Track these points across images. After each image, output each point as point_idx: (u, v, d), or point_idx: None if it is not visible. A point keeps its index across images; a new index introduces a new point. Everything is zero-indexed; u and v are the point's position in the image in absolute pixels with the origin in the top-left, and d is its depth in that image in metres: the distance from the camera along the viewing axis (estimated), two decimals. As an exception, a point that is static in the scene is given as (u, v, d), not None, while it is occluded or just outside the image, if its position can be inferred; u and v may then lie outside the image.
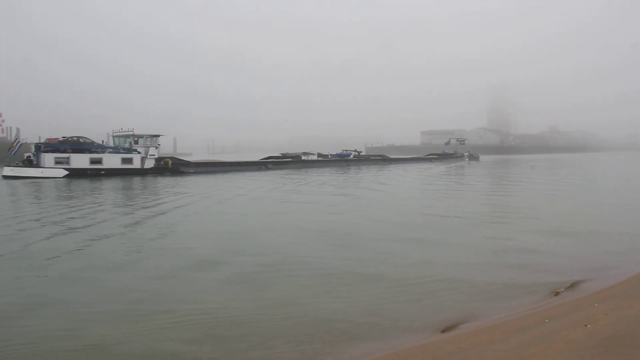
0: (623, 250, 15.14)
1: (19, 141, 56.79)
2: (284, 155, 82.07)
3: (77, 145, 55.35)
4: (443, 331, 8.44)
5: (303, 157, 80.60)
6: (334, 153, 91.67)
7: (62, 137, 55.99)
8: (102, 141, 61.14)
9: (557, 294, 10.47)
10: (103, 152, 56.49)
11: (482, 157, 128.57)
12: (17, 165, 52.03)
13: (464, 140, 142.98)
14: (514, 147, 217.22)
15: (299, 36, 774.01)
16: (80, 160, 53.96)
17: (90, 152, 55.67)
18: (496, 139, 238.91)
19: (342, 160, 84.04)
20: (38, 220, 22.24)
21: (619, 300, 9.01)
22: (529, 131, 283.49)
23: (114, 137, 61.98)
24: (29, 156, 53.87)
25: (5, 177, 49.16)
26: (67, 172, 52.03)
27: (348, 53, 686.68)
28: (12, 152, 53.82)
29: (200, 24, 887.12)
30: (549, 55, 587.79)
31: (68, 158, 53.20)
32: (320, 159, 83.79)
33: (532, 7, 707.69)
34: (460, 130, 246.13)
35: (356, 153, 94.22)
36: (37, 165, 52.34)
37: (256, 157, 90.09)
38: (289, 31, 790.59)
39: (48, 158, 52.51)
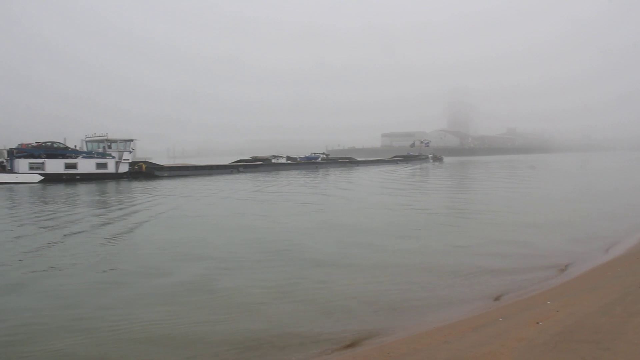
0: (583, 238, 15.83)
1: None
2: (254, 159, 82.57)
3: (51, 151, 54.72)
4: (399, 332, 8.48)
5: (273, 161, 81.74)
6: (303, 156, 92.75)
7: (36, 143, 55.43)
8: (75, 146, 60.34)
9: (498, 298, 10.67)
10: (77, 157, 55.84)
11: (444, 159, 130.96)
12: None
13: (428, 142, 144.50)
14: (473, 149, 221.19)
15: (289, 41, 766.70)
16: (55, 165, 53.43)
17: (64, 157, 55.03)
18: (456, 140, 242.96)
19: (311, 163, 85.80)
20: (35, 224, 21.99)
21: (569, 297, 9.24)
22: (488, 133, 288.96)
23: (87, 142, 61.31)
24: (1, 162, 53.28)
25: None
26: (42, 177, 51.69)
27: (340, 58, 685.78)
28: None
29: (199, 32, 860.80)
30: (523, 64, 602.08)
31: (43, 163, 52.70)
32: (289, 162, 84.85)
33: (518, 14, 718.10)
34: (421, 132, 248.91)
35: (324, 156, 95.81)
36: (11, 171, 51.73)
37: (219, 160, 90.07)
38: (282, 36, 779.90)
39: (22, 163, 51.96)
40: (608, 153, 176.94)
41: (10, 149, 54.04)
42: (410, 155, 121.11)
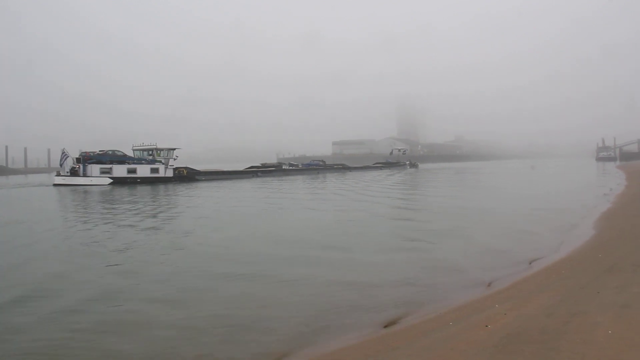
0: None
1: (66, 155, 62.44)
2: (264, 165, 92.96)
3: (113, 158, 62.54)
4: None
5: (284, 167, 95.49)
6: (305, 163, 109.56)
7: (100, 151, 63.20)
8: (123, 154, 66.59)
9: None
10: (133, 163, 63.55)
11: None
12: (66, 175, 59.91)
13: (405, 150, 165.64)
14: (423, 156, 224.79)
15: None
16: (120, 170, 61.30)
17: (123, 163, 62.61)
18: (406, 148, 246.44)
19: (312, 169, 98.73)
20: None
21: (517, 300, 9.45)
22: (436, 141, 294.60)
23: (134, 150, 68.13)
24: (74, 167, 60.82)
25: (56, 185, 57.06)
26: (111, 180, 59.32)
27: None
28: (61, 164, 61.70)
29: (197, 40, 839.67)
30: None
31: (110, 168, 60.69)
32: (292, 168, 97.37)
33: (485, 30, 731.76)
34: (370, 140, 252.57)
35: (322, 162, 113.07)
36: (85, 175, 59.50)
37: (241, 167, 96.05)
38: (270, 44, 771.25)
39: (94, 169, 60.03)
40: (552, 160, 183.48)
41: (81, 155, 61.64)
42: (389, 162, 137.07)
